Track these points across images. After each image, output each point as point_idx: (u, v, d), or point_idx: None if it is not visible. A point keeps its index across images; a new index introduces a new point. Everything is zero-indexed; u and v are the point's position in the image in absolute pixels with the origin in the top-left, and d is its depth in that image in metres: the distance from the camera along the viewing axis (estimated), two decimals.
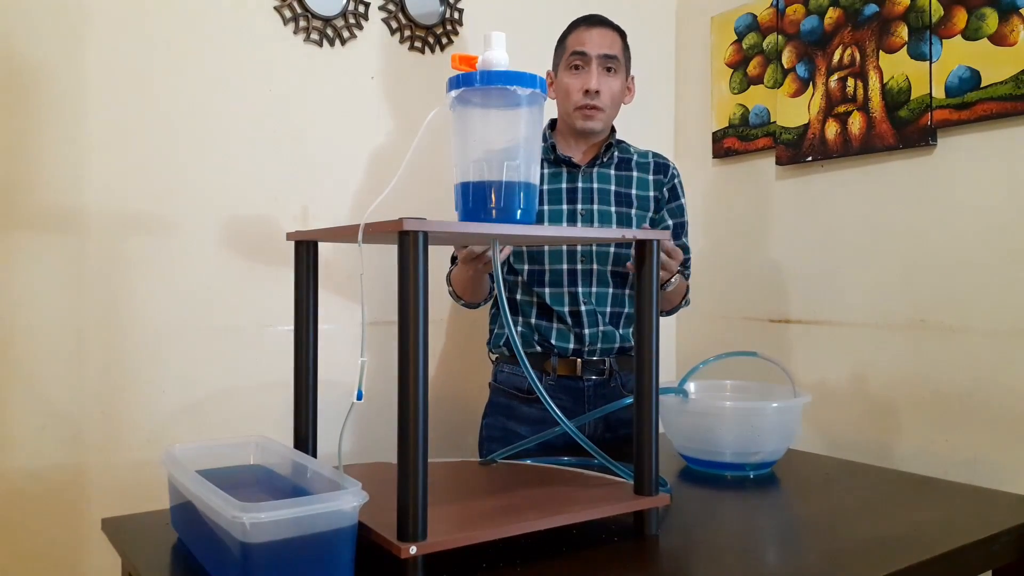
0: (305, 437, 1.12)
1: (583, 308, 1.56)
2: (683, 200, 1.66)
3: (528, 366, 1.06)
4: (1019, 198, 1.57)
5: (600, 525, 1.07)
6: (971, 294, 1.64)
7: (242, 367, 1.66)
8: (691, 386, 1.47)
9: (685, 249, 1.62)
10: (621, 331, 1.59)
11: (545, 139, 1.61)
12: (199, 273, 1.61)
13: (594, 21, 1.57)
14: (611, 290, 1.59)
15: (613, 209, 1.58)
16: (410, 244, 0.84)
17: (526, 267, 1.58)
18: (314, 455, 1.11)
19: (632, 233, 1.03)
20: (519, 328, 1.60)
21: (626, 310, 1.61)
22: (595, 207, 1.58)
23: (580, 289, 1.56)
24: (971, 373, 1.64)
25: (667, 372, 2.23)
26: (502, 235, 0.97)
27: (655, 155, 1.66)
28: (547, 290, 1.57)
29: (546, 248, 1.57)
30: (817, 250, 1.96)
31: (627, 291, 1.61)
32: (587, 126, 1.56)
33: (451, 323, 1.96)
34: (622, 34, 1.59)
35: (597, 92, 1.53)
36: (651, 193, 1.62)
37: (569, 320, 1.56)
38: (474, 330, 1.93)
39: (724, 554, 1.02)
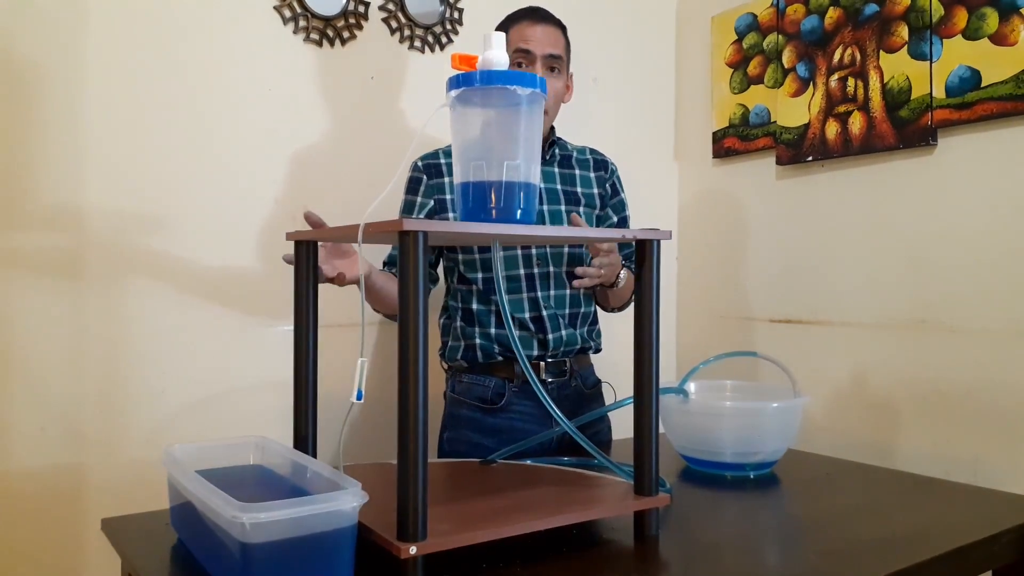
0: (305, 437, 1.12)
1: (544, 312, 1.52)
2: (623, 195, 1.65)
3: (534, 375, 1.05)
4: (1019, 198, 1.57)
5: (600, 525, 1.07)
6: (971, 294, 1.64)
7: (242, 367, 1.66)
8: (691, 386, 1.47)
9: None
10: (580, 331, 1.57)
11: None
12: (199, 273, 1.61)
13: (540, 16, 1.51)
14: (568, 291, 1.55)
15: (563, 208, 1.55)
16: (410, 244, 0.84)
17: (480, 275, 1.53)
18: (314, 455, 1.11)
19: (632, 233, 1.03)
20: (478, 340, 1.52)
21: (582, 309, 1.58)
22: (545, 208, 1.55)
23: (540, 293, 1.52)
24: (971, 373, 1.64)
25: (667, 372, 2.23)
26: (502, 235, 0.97)
27: (592, 151, 1.65)
28: (506, 297, 1.51)
29: None
30: (817, 250, 1.96)
31: (581, 290, 1.57)
32: None
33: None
34: (565, 30, 1.55)
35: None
36: (595, 190, 1.61)
37: (532, 326, 1.52)
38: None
39: (724, 554, 1.02)
